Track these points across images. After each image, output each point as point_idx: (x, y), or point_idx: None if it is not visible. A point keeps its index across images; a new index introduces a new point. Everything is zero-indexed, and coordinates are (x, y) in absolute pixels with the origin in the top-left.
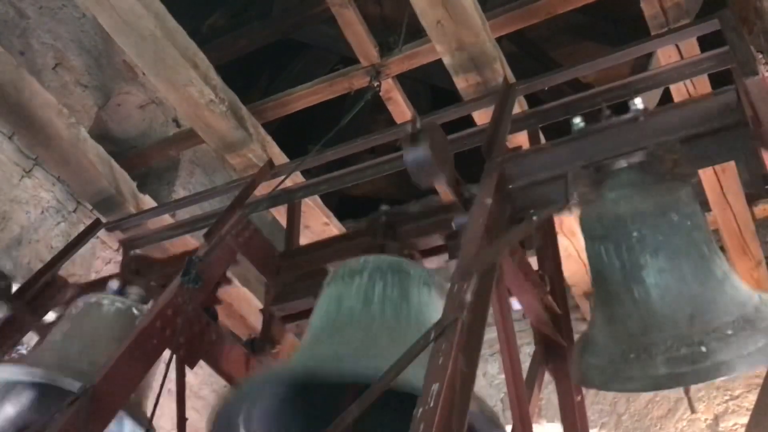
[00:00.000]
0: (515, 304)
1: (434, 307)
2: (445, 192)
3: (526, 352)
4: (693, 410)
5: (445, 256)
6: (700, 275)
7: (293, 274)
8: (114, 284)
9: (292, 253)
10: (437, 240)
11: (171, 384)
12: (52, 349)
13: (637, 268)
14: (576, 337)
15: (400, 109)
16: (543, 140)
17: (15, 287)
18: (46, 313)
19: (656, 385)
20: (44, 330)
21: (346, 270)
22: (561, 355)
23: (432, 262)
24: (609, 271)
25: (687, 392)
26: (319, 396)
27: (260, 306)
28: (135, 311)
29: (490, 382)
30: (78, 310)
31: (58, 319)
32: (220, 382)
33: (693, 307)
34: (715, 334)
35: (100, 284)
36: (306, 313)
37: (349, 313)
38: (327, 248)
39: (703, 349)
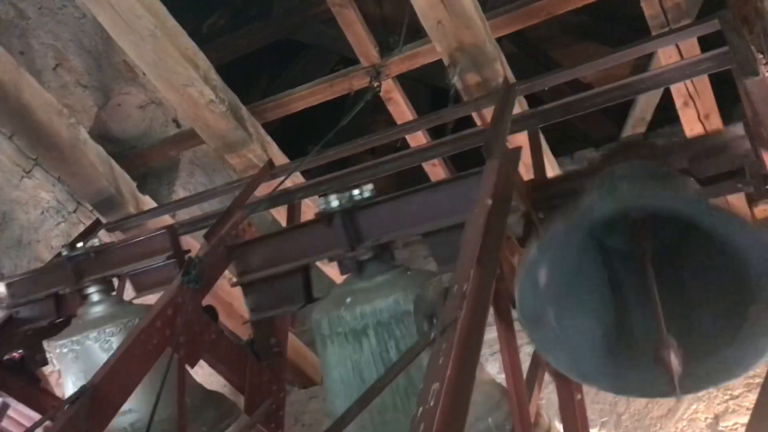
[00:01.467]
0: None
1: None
2: None
3: (526, 352)
4: (676, 394)
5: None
6: None
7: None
8: None
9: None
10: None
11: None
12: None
13: None
14: None
15: (400, 109)
16: (543, 140)
17: None
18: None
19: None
20: (44, 330)
21: (347, 329)
22: None
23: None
24: None
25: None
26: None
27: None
28: (125, 329)
29: None
30: (75, 358)
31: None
32: (220, 382)
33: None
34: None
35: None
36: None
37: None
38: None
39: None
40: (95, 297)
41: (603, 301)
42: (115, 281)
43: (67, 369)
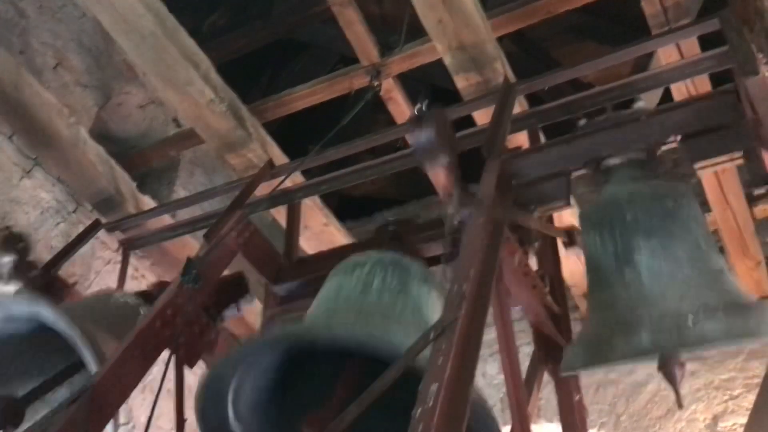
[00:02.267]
0: (515, 304)
1: (432, 305)
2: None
3: (526, 352)
4: (680, 405)
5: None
6: (695, 261)
7: (294, 279)
8: None
9: (296, 264)
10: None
11: (170, 384)
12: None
13: (629, 251)
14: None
15: (401, 109)
16: (543, 140)
17: (15, 288)
18: None
19: (637, 352)
20: None
21: (350, 264)
22: (560, 355)
23: (439, 271)
24: (602, 256)
25: (673, 380)
26: (309, 377)
27: (260, 306)
28: (142, 311)
29: (489, 382)
30: (91, 296)
31: None
32: None
33: (684, 290)
34: (704, 309)
35: None
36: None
37: (346, 298)
38: (332, 258)
39: (690, 320)
40: None
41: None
42: None
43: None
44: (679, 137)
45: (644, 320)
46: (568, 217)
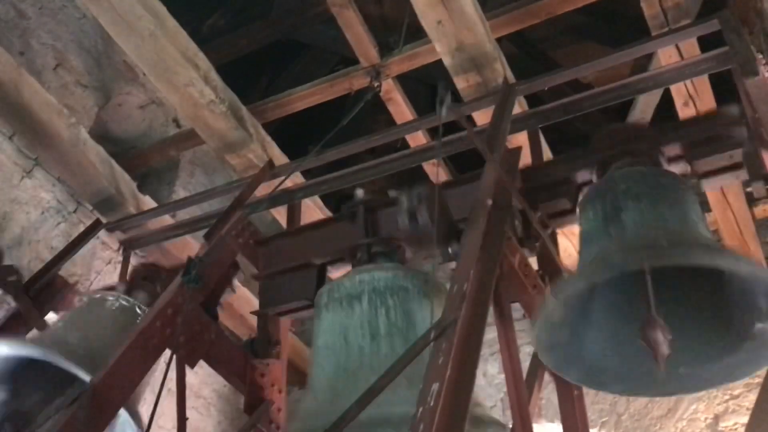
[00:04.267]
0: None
1: (438, 314)
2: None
3: (526, 352)
4: (660, 368)
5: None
6: (682, 220)
7: (280, 266)
8: (120, 289)
9: (277, 238)
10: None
11: (171, 384)
12: (52, 335)
13: (617, 211)
14: None
15: (401, 109)
16: (543, 140)
17: None
18: (46, 313)
19: (620, 269)
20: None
21: (343, 294)
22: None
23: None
24: (593, 224)
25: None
26: None
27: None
28: (138, 311)
29: (490, 382)
30: (83, 305)
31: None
32: (220, 382)
33: (669, 239)
34: (681, 242)
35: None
36: (298, 310)
37: (359, 353)
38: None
39: (664, 242)
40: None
41: (614, 313)
42: None
43: (68, 313)
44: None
45: (625, 249)
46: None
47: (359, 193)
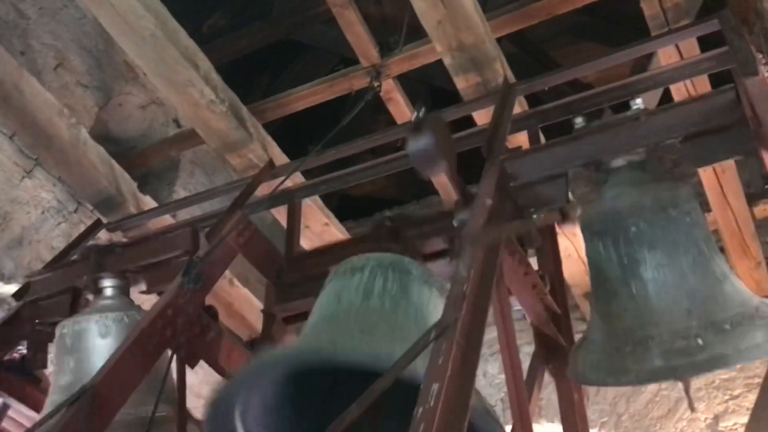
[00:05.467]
0: (515, 303)
1: (434, 307)
2: (445, 191)
3: (526, 352)
4: (692, 409)
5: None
6: (699, 271)
7: (295, 277)
8: (85, 282)
9: (295, 258)
10: (440, 244)
11: None
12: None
13: (634, 263)
14: (576, 337)
15: (401, 109)
16: (543, 140)
17: (15, 288)
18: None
19: (652, 377)
20: (44, 332)
21: (348, 266)
22: (561, 355)
23: (436, 267)
24: (607, 267)
25: (687, 389)
26: (316, 389)
27: (260, 306)
28: (126, 319)
29: (490, 381)
30: (71, 340)
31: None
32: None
33: (690, 302)
34: (713, 327)
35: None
36: (307, 315)
37: (348, 306)
38: (330, 254)
39: (700, 341)
40: (108, 291)
41: None
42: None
43: (61, 350)
44: (679, 138)
45: (655, 340)
46: None
47: None
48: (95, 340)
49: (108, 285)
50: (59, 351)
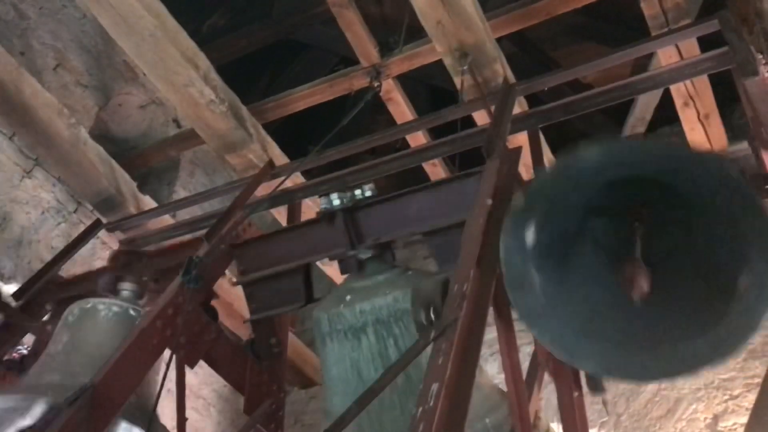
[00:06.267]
0: None
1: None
2: None
3: (526, 352)
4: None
5: None
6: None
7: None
8: (105, 280)
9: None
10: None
11: (171, 384)
12: (55, 364)
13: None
14: None
15: (401, 109)
16: (543, 140)
17: (15, 288)
18: (46, 313)
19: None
20: (44, 331)
21: (346, 326)
22: None
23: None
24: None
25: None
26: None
27: None
28: (132, 312)
29: None
30: (74, 317)
31: (52, 317)
32: (220, 382)
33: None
34: None
35: (90, 277)
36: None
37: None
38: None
39: None
40: (125, 294)
41: (591, 272)
42: None
43: (62, 324)
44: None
45: None
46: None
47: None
48: (96, 321)
49: (126, 288)
50: (61, 325)
